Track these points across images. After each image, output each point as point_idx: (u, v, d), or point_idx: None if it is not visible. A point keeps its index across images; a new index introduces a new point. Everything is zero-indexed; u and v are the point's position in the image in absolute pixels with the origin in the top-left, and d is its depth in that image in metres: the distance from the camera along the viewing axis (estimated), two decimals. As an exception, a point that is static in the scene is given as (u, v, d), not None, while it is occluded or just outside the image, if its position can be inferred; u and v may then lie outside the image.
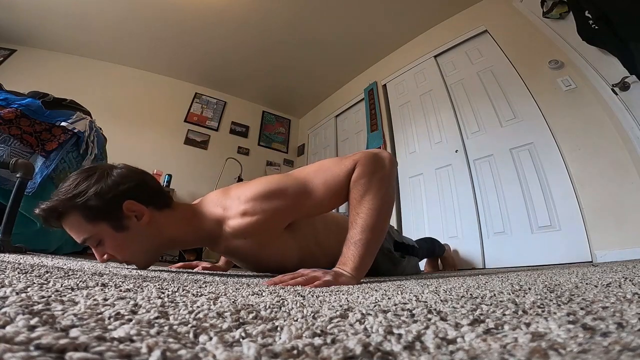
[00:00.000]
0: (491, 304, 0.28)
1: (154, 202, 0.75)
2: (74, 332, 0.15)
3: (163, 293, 0.32)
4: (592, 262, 1.61)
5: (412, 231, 2.55)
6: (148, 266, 0.80)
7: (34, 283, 0.30)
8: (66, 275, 0.43)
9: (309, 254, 0.87)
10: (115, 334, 0.15)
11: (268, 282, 0.57)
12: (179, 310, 0.22)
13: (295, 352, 0.15)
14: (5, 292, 0.23)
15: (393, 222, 2.67)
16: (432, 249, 1.91)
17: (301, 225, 0.84)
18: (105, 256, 0.73)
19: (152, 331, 0.16)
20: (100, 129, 1.81)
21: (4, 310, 0.17)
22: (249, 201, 0.71)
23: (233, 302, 0.29)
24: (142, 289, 0.35)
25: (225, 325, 0.19)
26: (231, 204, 0.74)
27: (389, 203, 0.72)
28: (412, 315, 0.23)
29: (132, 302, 0.24)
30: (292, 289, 0.47)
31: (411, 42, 3.14)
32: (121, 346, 0.13)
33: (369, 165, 0.72)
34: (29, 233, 1.29)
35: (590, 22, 1.72)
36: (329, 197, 0.73)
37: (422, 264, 2.27)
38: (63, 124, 1.47)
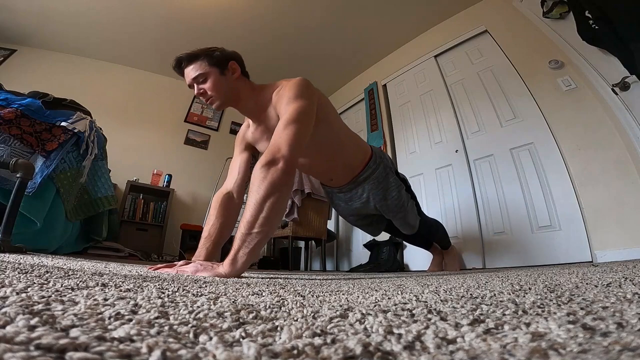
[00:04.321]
0: (491, 304, 0.28)
1: (243, 70, 1.14)
2: (74, 332, 0.15)
3: (163, 293, 0.32)
4: (592, 262, 1.61)
5: (412, 231, 2.54)
6: (220, 109, 1.13)
7: (34, 283, 0.30)
8: (66, 275, 0.43)
9: (323, 154, 1.24)
10: (115, 334, 0.15)
11: (152, 268, 0.87)
12: (179, 310, 0.22)
13: (295, 352, 0.15)
14: (6, 292, 0.23)
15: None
16: (436, 230, 1.84)
17: (321, 129, 1.10)
18: (202, 90, 1.06)
19: (152, 331, 0.16)
20: (101, 128, 1.81)
21: (4, 310, 0.17)
22: (289, 87, 1.05)
23: (233, 302, 0.29)
24: (142, 289, 0.35)
25: (225, 325, 0.19)
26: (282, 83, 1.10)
27: (276, 209, 0.82)
28: (412, 315, 0.23)
29: (132, 302, 0.24)
30: (293, 289, 0.47)
31: (411, 42, 3.14)
32: (121, 346, 0.13)
33: (273, 162, 0.83)
34: (29, 233, 1.29)
35: (590, 22, 1.72)
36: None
37: (426, 263, 2.27)
38: (63, 124, 1.47)
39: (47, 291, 0.26)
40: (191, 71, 1.05)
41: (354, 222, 1.69)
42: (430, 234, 1.87)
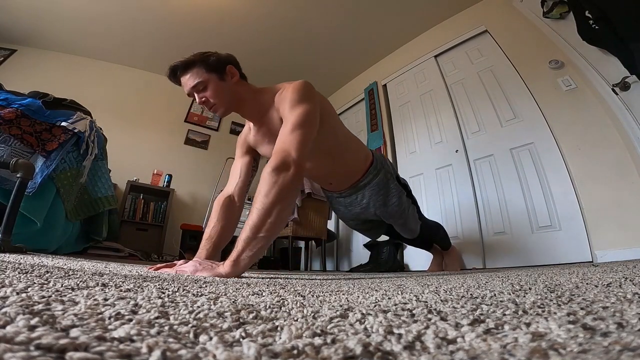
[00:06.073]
0: (491, 304, 0.28)
1: (240, 72, 1.12)
2: (74, 332, 0.15)
3: (163, 293, 0.32)
4: (592, 262, 1.61)
5: (412, 231, 2.54)
6: (224, 115, 1.10)
7: (34, 283, 0.30)
8: (66, 275, 0.43)
9: (324, 157, 1.21)
10: (115, 334, 0.15)
11: (152, 268, 0.87)
12: (179, 310, 0.22)
13: (295, 352, 0.15)
14: (6, 292, 0.23)
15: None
16: (437, 232, 1.84)
17: (322, 133, 1.07)
18: (203, 99, 1.04)
19: (153, 331, 0.16)
20: (101, 128, 1.82)
21: (4, 310, 0.17)
22: (291, 90, 1.03)
23: (233, 302, 0.29)
24: (142, 289, 0.35)
25: (225, 325, 0.19)
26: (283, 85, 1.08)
27: (283, 215, 0.82)
28: (412, 315, 0.23)
29: (132, 302, 0.24)
30: (293, 289, 0.47)
31: (411, 42, 3.14)
32: (121, 346, 0.13)
33: (282, 166, 0.83)
34: (29, 233, 1.30)
35: (590, 22, 1.72)
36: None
37: (426, 263, 2.27)
38: (63, 124, 1.47)
39: (47, 291, 0.26)
40: (189, 80, 1.02)
41: (354, 226, 1.69)
42: (431, 236, 1.88)
